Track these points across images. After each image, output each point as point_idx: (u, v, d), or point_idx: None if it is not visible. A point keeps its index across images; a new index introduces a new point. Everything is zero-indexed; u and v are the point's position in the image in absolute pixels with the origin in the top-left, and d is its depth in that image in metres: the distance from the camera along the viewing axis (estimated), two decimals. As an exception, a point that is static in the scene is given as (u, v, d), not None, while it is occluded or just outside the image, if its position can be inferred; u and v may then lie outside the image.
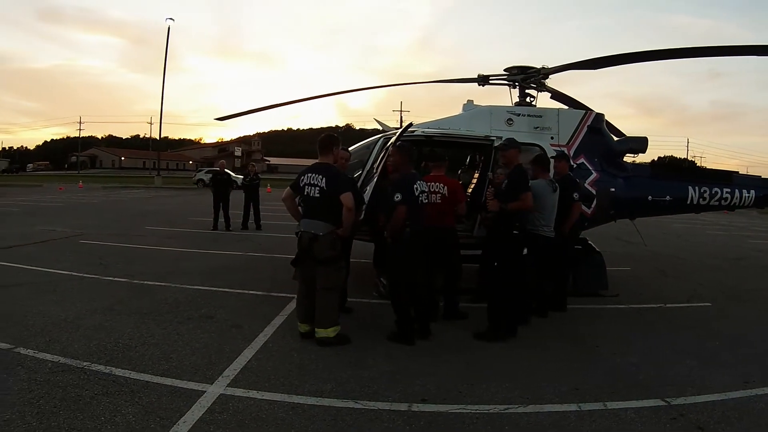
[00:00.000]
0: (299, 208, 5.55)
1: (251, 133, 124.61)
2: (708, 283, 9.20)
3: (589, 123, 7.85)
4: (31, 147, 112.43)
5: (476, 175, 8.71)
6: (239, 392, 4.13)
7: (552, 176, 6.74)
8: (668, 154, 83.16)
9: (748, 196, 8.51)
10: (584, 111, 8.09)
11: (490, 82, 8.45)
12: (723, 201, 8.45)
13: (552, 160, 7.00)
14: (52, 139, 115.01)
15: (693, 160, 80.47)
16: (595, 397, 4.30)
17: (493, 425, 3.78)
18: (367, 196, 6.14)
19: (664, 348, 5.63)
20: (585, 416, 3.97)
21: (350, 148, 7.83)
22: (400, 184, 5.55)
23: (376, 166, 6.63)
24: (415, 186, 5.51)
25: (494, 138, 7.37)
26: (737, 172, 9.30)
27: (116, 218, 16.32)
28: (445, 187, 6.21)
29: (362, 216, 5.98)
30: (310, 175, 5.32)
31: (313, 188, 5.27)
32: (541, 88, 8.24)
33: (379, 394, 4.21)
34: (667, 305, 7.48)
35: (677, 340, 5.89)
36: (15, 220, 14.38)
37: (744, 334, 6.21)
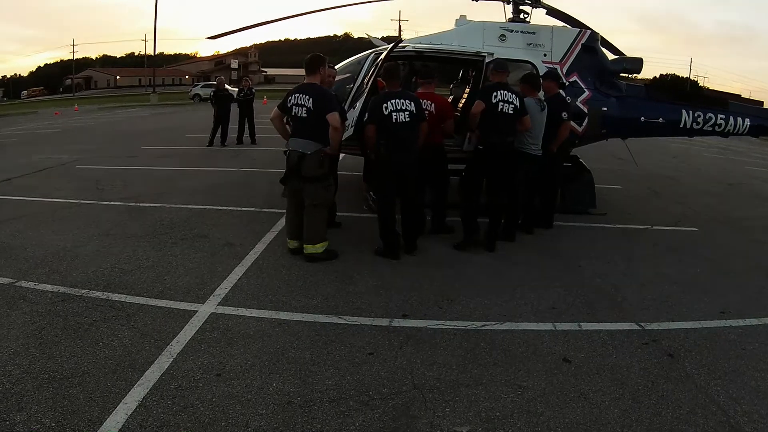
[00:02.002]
0: (287, 127, 5.60)
1: (248, 44, 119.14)
2: (698, 207, 9.13)
3: (583, 41, 7.66)
4: (25, 74, 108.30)
5: (468, 90, 8.67)
6: (229, 310, 4.30)
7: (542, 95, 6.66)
8: (671, 72, 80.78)
9: (743, 125, 8.34)
10: (579, 29, 7.87)
11: (484, -4, 8.17)
12: (717, 127, 8.28)
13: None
14: (46, 64, 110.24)
15: (696, 80, 77.86)
16: (571, 317, 4.43)
17: (469, 341, 3.95)
18: (357, 111, 6.22)
19: (645, 271, 5.68)
20: (559, 336, 4.10)
21: (341, 63, 7.84)
22: (372, 104, 5.63)
23: (366, 81, 6.63)
24: (384, 105, 5.49)
25: (486, 54, 7.28)
26: (740, 96, 9.11)
27: (112, 140, 16.13)
28: (433, 105, 6.18)
29: (349, 133, 6.12)
30: (297, 95, 5.36)
31: (300, 108, 5.32)
32: (536, 4, 7.99)
33: (363, 309, 4.40)
34: (654, 227, 7.51)
35: (660, 264, 5.93)
36: (11, 150, 14.13)
37: (728, 263, 6.15)
